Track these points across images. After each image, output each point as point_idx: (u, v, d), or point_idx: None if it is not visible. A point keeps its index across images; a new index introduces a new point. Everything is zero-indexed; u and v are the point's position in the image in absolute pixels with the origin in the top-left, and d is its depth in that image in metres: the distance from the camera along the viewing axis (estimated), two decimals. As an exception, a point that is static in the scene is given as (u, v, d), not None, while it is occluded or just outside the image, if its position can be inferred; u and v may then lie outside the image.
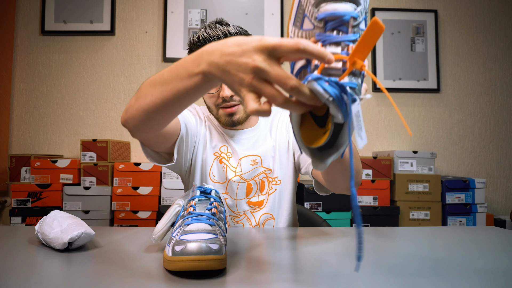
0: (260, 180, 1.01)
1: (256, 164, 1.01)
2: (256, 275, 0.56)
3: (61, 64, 2.27)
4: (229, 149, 1.01)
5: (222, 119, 0.96)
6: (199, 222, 0.59)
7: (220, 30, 0.88)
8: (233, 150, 1.01)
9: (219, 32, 0.87)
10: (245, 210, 1.01)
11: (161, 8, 2.29)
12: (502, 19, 2.41)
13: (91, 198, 1.88)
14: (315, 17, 0.46)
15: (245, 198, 1.01)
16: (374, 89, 2.32)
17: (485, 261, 0.63)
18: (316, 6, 0.46)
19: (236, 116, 0.95)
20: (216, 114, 0.97)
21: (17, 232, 0.83)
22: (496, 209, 2.34)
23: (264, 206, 1.00)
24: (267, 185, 1.01)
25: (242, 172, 1.00)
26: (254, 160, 1.01)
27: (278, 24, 2.27)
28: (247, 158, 1.01)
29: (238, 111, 0.94)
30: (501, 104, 2.39)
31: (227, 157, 1.01)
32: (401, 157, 2.02)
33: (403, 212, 1.96)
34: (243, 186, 1.00)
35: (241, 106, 0.94)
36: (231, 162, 1.00)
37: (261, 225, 1.00)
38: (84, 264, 0.60)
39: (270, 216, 1.01)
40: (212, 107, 0.96)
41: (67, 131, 2.25)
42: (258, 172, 1.01)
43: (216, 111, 0.96)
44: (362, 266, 0.61)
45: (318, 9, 0.46)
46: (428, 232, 0.91)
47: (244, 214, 1.01)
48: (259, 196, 1.01)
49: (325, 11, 0.45)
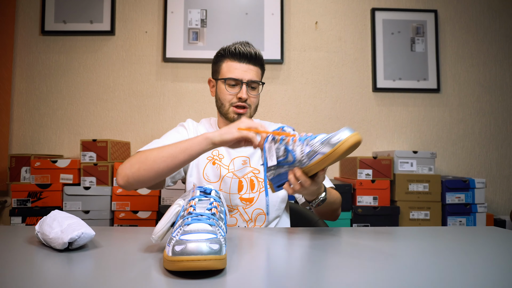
0: (249, 179, 1.14)
1: (245, 164, 1.16)
2: (256, 275, 0.56)
3: (61, 64, 2.27)
4: (221, 152, 1.17)
5: (230, 116, 1.14)
6: (199, 222, 0.59)
7: (252, 49, 1.13)
8: (224, 152, 1.17)
9: (251, 50, 1.13)
10: (238, 205, 1.13)
11: (161, 8, 2.29)
12: (502, 19, 2.41)
13: (91, 198, 1.88)
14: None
15: (238, 193, 1.13)
16: (374, 89, 2.32)
17: (485, 261, 0.63)
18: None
19: (244, 116, 1.14)
20: (226, 110, 1.15)
21: (17, 232, 0.83)
22: (496, 209, 2.34)
23: (254, 203, 1.13)
24: (257, 183, 1.15)
25: (235, 169, 1.15)
26: (245, 160, 1.17)
27: (278, 24, 2.27)
28: (239, 158, 1.17)
29: (245, 114, 1.15)
30: (501, 104, 2.39)
31: (219, 158, 1.17)
32: (401, 157, 2.02)
33: (403, 212, 1.96)
34: (235, 182, 1.14)
35: (248, 110, 1.15)
36: (224, 162, 1.16)
37: (253, 220, 1.13)
38: (84, 264, 0.60)
39: (261, 211, 1.13)
40: (226, 103, 1.15)
41: (67, 131, 2.25)
42: (247, 171, 1.16)
43: (228, 107, 1.14)
44: (362, 266, 0.61)
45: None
46: (428, 232, 0.91)
47: (237, 209, 1.13)
48: (249, 194, 1.14)
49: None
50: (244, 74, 1.12)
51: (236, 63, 1.12)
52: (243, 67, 1.12)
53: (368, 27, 2.36)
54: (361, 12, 2.37)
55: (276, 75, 2.30)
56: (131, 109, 2.27)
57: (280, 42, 2.26)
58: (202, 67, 2.29)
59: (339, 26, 2.36)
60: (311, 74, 2.33)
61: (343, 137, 0.71)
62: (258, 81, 1.15)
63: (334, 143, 0.72)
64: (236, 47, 1.13)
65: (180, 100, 2.28)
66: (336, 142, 0.71)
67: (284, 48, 2.31)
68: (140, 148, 1.12)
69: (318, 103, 2.33)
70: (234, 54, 1.12)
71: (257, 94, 1.16)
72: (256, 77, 1.14)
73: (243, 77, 1.12)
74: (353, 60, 2.35)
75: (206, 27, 2.26)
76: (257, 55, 1.13)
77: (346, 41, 2.35)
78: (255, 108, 1.18)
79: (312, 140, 0.76)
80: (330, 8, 2.36)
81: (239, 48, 1.12)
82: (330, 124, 2.32)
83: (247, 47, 1.13)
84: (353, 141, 0.71)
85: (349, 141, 0.71)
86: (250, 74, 1.12)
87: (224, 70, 1.14)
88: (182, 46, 2.25)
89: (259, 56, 1.14)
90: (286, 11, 2.32)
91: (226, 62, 1.14)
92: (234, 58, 1.13)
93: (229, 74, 1.12)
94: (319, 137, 0.76)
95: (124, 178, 0.94)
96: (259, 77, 1.16)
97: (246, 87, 1.12)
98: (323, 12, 2.35)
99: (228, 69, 1.13)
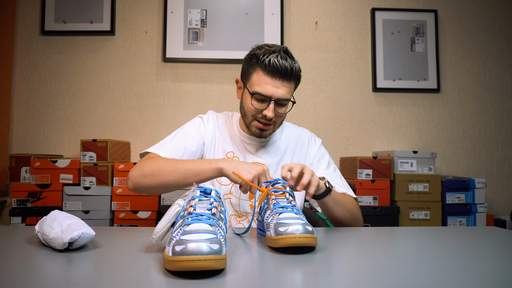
0: (255, 186, 1.10)
1: None
2: (256, 275, 0.56)
3: (61, 64, 2.27)
4: (236, 154, 1.12)
5: (252, 129, 1.07)
6: (199, 222, 0.59)
7: (289, 64, 1.00)
8: (240, 156, 1.12)
9: (287, 65, 0.99)
10: (247, 212, 1.09)
11: (161, 8, 2.29)
12: (502, 19, 2.41)
13: (91, 198, 1.88)
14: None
15: (248, 200, 1.08)
16: (374, 89, 2.32)
17: (485, 261, 0.63)
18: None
19: (266, 132, 1.07)
20: (249, 122, 1.07)
21: (17, 232, 0.83)
22: (496, 209, 2.34)
23: None
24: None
25: None
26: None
27: (278, 24, 2.27)
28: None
29: (269, 129, 1.07)
30: (501, 104, 2.39)
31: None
32: (401, 157, 2.02)
33: (403, 212, 1.96)
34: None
35: (272, 126, 1.07)
36: None
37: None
38: (84, 264, 0.60)
39: None
40: (249, 116, 1.06)
41: (67, 131, 2.25)
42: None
43: (251, 120, 1.06)
44: (362, 266, 0.61)
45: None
46: (428, 232, 0.91)
47: (246, 216, 1.08)
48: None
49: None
50: (274, 92, 1.00)
51: (268, 78, 0.99)
52: (275, 84, 1.00)
53: (368, 27, 2.36)
54: (361, 12, 2.37)
55: (276, 75, 2.30)
56: (131, 109, 2.27)
57: (280, 42, 2.26)
58: (202, 67, 2.29)
59: (339, 26, 2.36)
60: (311, 74, 2.33)
61: (290, 232, 0.66)
62: (288, 99, 1.03)
63: (279, 233, 0.67)
64: (271, 59, 0.98)
65: (180, 100, 2.28)
66: (281, 233, 0.67)
67: (284, 48, 2.31)
68: (148, 148, 1.09)
69: (318, 103, 2.33)
70: (267, 67, 0.99)
71: (284, 112, 1.06)
72: (287, 94, 1.02)
73: (273, 94, 1.00)
74: (353, 60, 2.35)
75: (206, 27, 2.26)
76: (293, 70, 1.00)
77: (346, 41, 2.35)
78: (280, 124, 1.10)
79: (277, 213, 0.73)
80: (330, 8, 2.36)
81: (274, 62, 0.98)
82: (330, 124, 2.32)
83: (283, 60, 0.99)
84: (293, 243, 0.65)
85: (287, 242, 0.66)
86: (281, 92, 1.00)
87: (253, 81, 1.02)
88: (182, 46, 2.25)
89: (296, 71, 1.01)
90: (286, 11, 2.32)
91: (258, 73, 1.01)
92: (266, 71, 0.99)
93: (258, 89, 1.00)
94: (284, 214, 0.72)
95: (135, 186, 0.98)
96: (291, 92, 1.04)
97: (274, 104, 1.01)
98: (323, 12, 2.35)
99: (258, 83, 1.01)
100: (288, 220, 0.69)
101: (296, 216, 0.71)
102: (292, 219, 0.69)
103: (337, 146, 2.32)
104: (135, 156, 2.25)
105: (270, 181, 0.84)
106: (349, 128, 2.33)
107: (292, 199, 0.78)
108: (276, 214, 0.72)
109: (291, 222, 0.68)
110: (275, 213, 0.73)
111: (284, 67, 0.98)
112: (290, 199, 0.77)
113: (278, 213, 0.73)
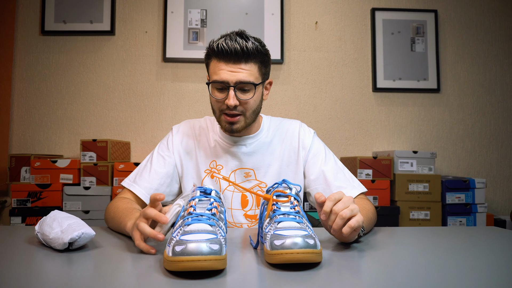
0: (255, 194, 1.03)
1: (250, 177, 1.03)
2: (256, 275, 0.56)
3: (61, 64, 2.27)
4: (219, 163, 1.04)
5: (222, 124, 0.99)
6: (199, 223, 0.59)
7: (239, 44, 0.91)
8: (223, 162, 1.04)
9: (237, 45, 0.90)
10: (242, 222, 1.02)
11: (161, 8, 2.29)
12: (502, 19, 2.41)
13: (91, 198, 1.88)
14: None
15: (241, 209, 1.02)
16: (374, 89, 2.32)
17: (485, 261, 0.63)
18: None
19: (236, 125, 0.97)
20: (217, 117, 1.00)
21: (17, 232, 0.83)
22: (496, 209, 2.34)
23: None
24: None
25: (236, 181, 1.02)
26: (247, 173, 1.04)
27: (278, 24, 2.27)
28: (240, 170, 1.04)
29: (238, 121, 0.97)
30: (501, 104, 2.39)
31: (217, 170, 1.04)
32: (401, 157, 2.02)
33: (403, 212, 1.96)
34: (237, 196, 1.02)
35: (242, 117, 0.97)
36: (223, 173, 1.04)
37: None
38: (84, 264, 0.60)
39: None
40: (216, 110, 0.99)
41: (67, 131, 2.25)
42: (252, 185, 1.03)
43: (219, 115, 0.99)
44: (362, 266, 0.61)
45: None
46: (428, 232, 0.91)
47: (242, 227, 1.02)
48: (255, 210, 1.02)
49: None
50: (231, 76, 0.91)
51: (223, 64, 0.92)
52: (231, 68, 0.92)
53: (368, 27, 2.36)
54: (361, 12, 2.37)
55: (276, 75, 2.30)
56: (131, 109, 2.27)
57: (280, 42, 2.26)
58: (202, 67, 2.29)
59: (339, 26, 2.36)
60: (311, 74, 2.33)
61: (287, 246, 0.56)
62: (250, 82, 0.92)
63: (274, 247, 0.57)
64: (219, 43, 0.92)
65: (180, 100, 2.28)
66: (276, 247, 0.57)
67: (284, 48, 2.31)
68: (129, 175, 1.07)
69: (318, 103, 2.33)
70: (218, 54, 0.92)
71: (250, 98, 0.94)
72: (248, 77, 0.92)
73: (230, 79, 0.91)
74: (353, 60, 2.35)
75: (206, 27, 2.26)
76: (247, 50, 0.91)
77: (346, 41, 2.35)
78: (253, 113, 0.98)
79: (275, 222, 0.63)
80: (330, 8, 2.36)
81: (222, 46, 0.91)
82: (330, 124, 2.32)
83: (233, 41, 0.91)
84: (289, 259, 0.55)
85: (282, 258, 0.56)
86: (239, 76, 0.91)
87: (211, 72, 0.96)
88: (182, 46, 2.24)
89: (251, 50, 0.91)
90: (286, 11, 2.32)
91: (213, 61, 0.95)
92: (219, 58, 0.93)
93: (215, 77, 0.93)
94: (284, 224, 0.62)
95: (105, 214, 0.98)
96: (254, 76, 0.93)
97: (235, 91, 0.92)
98: (323, 12, 2.35)
99: (214, 71, 0.94)
100: (286, 231, 0.59)
101: (297, 226, 0.61)
102: (291, 230, 0.59)
103: (337, 146, 2.32)
104: (135, 156, 2.25)
105: (278, 183, 0.74)
106: (349, 128, 2.33)
107: (297, 204, 0.68)
108: (275, 223, 0.62)
109: (289, 234, 0.58)
110: (274, 221, 0.63)
111: (234, 49, 0.90)
112: (295, 204, 0.67)
113: (277, 221, 0.62)
